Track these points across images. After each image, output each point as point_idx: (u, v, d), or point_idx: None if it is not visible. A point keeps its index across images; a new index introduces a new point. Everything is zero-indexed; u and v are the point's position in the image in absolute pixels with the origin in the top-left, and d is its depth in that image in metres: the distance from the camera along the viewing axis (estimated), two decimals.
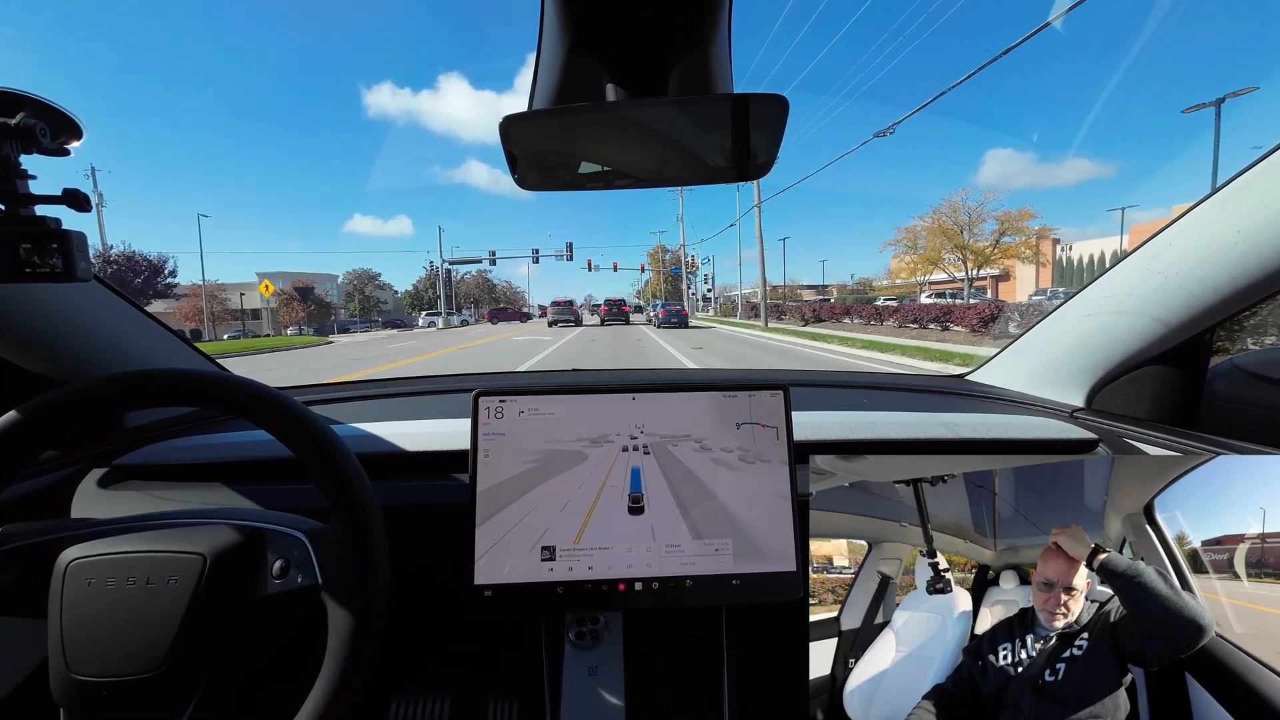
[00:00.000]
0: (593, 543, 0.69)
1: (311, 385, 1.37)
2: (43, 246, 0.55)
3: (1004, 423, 0.96)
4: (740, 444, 0.73)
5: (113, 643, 0.52)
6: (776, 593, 0.69)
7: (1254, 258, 0.69)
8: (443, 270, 43.46)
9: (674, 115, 0.61)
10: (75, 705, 0.53)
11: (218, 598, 0.55)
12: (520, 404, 0.72)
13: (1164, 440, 0.85)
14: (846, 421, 0.92)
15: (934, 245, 30.41)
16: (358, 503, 0.57)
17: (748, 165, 0.64)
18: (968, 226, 29.15)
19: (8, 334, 0.79)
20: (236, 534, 0.58)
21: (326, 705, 0.52)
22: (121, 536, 0.58)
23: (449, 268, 43.49)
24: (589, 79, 0.61)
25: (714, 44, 0.60)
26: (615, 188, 0.69)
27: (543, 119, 0.65)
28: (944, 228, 29.55)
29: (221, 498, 0.82)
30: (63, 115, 0.57)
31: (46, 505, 0.80)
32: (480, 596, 0.67)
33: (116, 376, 0.58)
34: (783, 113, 0.59)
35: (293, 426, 0.58)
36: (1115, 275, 0.89)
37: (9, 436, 0.57)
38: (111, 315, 0.91)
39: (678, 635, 0.82)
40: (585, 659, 0.76)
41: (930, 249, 30.68)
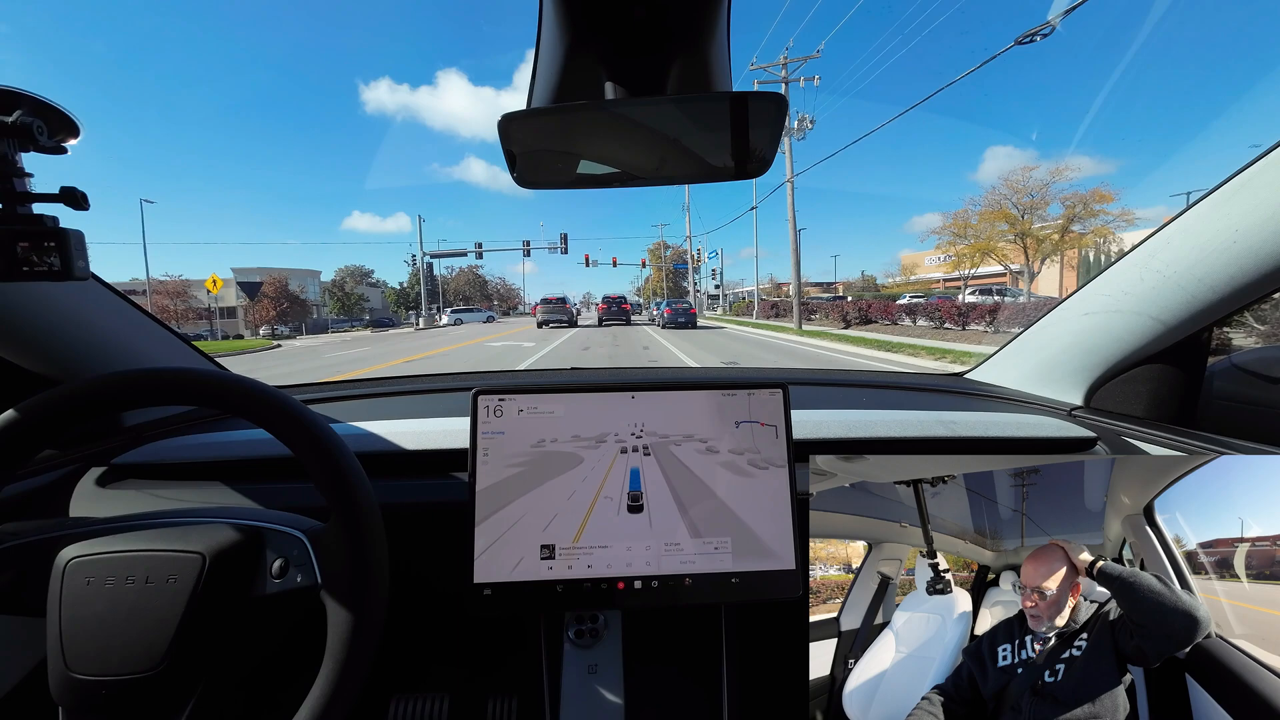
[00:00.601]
0: (592, 541, 0.69)
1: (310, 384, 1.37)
2: (40, 245, 0.55)
3: (1002, 421, 0.96)
4: (739, 443, 0.73)
5: (111, 642, 0.52)
6: (775, 591, 0.69)
7: (1251, 256, 0.70)
8: (423, 264, 40.25)
9: (672, 114, 0.61)
10: (74, 704, 0.53)
11: (217, 597, 0.55)
12: (519, 403, 0.72)
13: (1162, 439, 0.85)
14: (845, 420, 0.92)
15: (990, 234, 25.34)
16: (356, 502, 0.57)
17: (746, 163, 0.64)
18: (1030, 210, 24.00)
19: (5, 333, 0.79)
20: (235, 533, 0.58)
21: (326, 705, 0.52)
22: (120, 535, 0.58)
23: (430, 260, 41.02)
24: (588, 77, 0.61)
25: (712, 43, 0.60)
26: (614, 186, 0.69)
27: (541, 117, 0.65)
28: (1005, 212, 24.40)
29: (220, 497, 0.82)
30: (60, 113, 0.57)
31: (45, 504, 0.80)
32: (479, 595, 0.67)
33: (115, 375, 0.58)
34: (781, 111, 0.59)
35: (291, 425, 0.58)
36: (1113, 274, 0.89)
37: (7, 435, 0.56)
38: (109, 314, 0.91)
39: (677, 634, 0.82)
40: (584, 657, 0.76)
41: (986, 237, 25.50)
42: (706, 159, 0.65)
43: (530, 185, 0.67)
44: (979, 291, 28.65)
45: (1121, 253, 0.87)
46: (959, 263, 27.26)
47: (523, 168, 0.64)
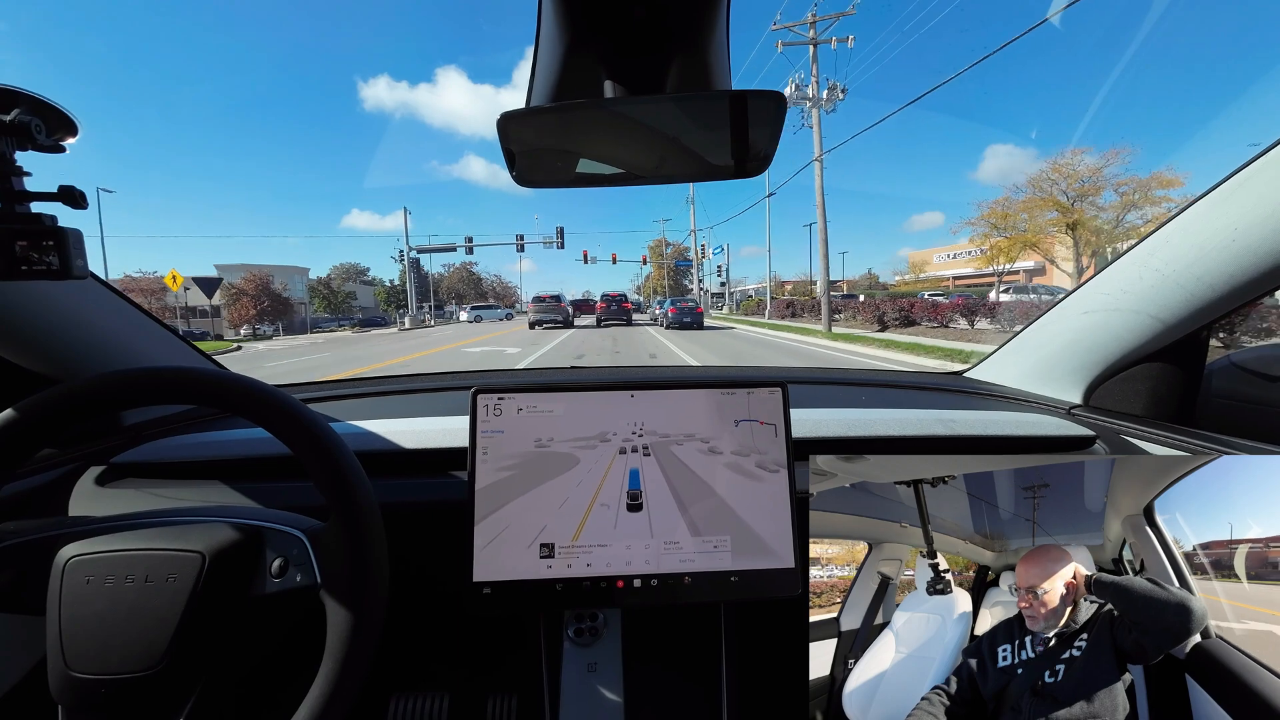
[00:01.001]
0: (591, 540, 0.69)
1: (309, 383, 1.37)
2: (39, 244, 0.55)
3: (1001, 419, 0.96)
4: (739, 441, 0.73)
5: (111, 641, 0.52)
6: (775, 589, 0.69)
7: (1250, 255, 0.70)
8: (408, 259, 36.85)
9: (672, 112, 0.61)
10: (73, 703, 0.53)
11: (216, 596, 0.55)
12: (519, 401, 0.72)
13: (1161, 437, 0.85)
14: (844, 419, 0.92)
15: (1035, 226, 22.09)
16: (356, 502, 0.57)
17: (746, 162, 0.64)
18: (1081, 197, 20.79)
19: (4, 332, 0.78)
20: (235, 532, 0.58)
21: (325, 704, 0.52)
22: (120, 534, 0.58)
23: (416, 256, 37.91)
24: (587, 76, 0.61)
25: (711, 41, 0.60)
26: (614, 185, 0.69)
27: (541, 116, 0.65)
28: (1054, 200, 21.15)
29: (220, 495, 0.82)
30: (58, 112, 0.57)
31: (44, 503, 0.80)
32: (479, 593, 0.67)
33: (114, 374, 0.58)
34: (780, 109, 0.59)
35: (290, 425, 0.58)
36: (1113, 272, 0.89)
37: (7, 434, 0.56)
38: (108, 313, 0.91)
39: (677, 632, 0.82)
40: (584, 655, 0.76)
41: (1031, 229, 22.21)
42: (706, 157, 0.65)
43: (530, 184, 0.67)
44: (1012, 290, 25.65)
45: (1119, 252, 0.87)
46: (993, 257, 23.96)
47: (522, 166, 0.64)
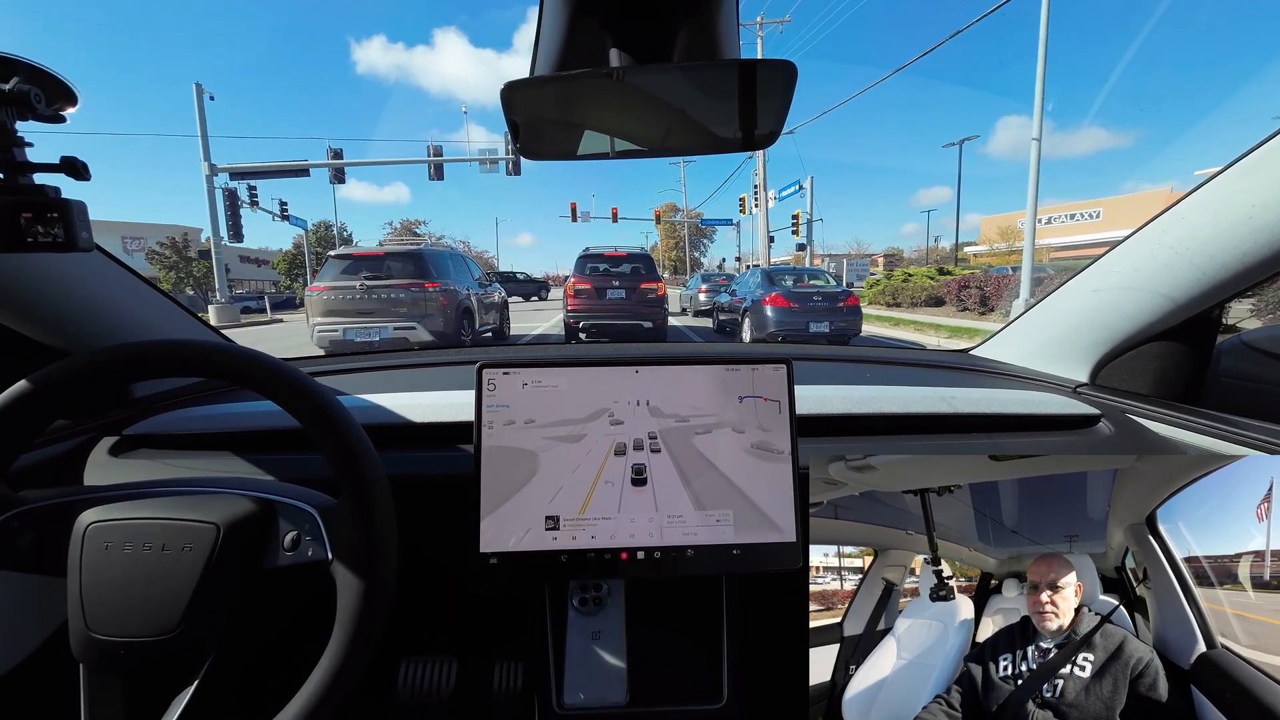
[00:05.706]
0: (596, 513, 0.70)
1: (317, 356, 1.37)
2: (43, 216, 0.54)
3: (1005, 398, 0.96)
4: (743, 417, 0.73)
5: (129, 605, 0.54)
6: (776, 563, 0.70)
7: (1267, 233, 0.68)
8: (210, 191, 16.89)
9: (679, 82, 0.60)
10: (95, 663, 0.55)
11: (230, 567, 0.56)
12: (524, 376, 0.72)
13: (1167, 416, 0.85)
14: (848, 395, 0.92)
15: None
16: (365, 477, 0.58)
17: (754, 133, 0.63)
18: None
19: (12, 304, 0.79)
20: (250, 505, 0.59)
21: (333, 675, 0.54)
22: (138, 501, 0.59)
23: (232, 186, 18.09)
24: (592, 44, 0.60)
25: (719, 9, 0.58)
26: (619, 157, 0.68)
27: (545, 85, 0.63)
28: None
29: (231, 466, 0.84)
30: (57, 81, 0.56)
31: (59, 473, 0.82)
32: (485, 564, 0.68)
33: (123, 346, 0.59)
34: (790, 79, 0.57)
35: (299, 398, 0.58)
36: (1125, 250, 0.87)
37: (21, 405, 0.57)
38: (113, 285, 0.91)
39: (679, 603, 0.84)
40: (588, 624, 0.78)
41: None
42: (713, 128, 0.64)
43: (534, 156, 0.66)
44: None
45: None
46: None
47: (526, 137, 0.63)
